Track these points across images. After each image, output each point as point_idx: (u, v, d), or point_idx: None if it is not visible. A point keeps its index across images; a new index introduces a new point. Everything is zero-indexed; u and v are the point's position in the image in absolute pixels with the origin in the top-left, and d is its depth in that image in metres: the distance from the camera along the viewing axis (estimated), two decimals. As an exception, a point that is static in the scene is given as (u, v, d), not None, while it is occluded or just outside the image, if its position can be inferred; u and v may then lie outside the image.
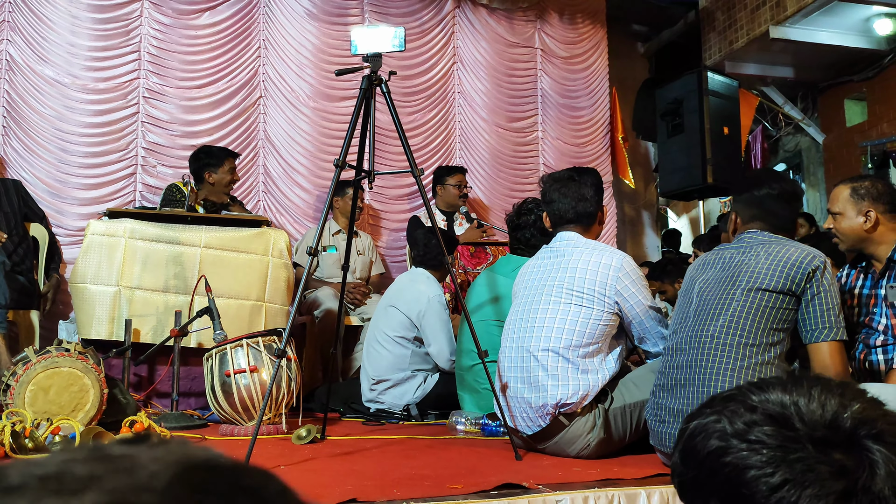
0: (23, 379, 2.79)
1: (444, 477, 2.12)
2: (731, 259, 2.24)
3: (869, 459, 0.63)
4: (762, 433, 0.64)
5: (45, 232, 4.28)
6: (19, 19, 4.80)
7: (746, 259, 2.19)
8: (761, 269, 2.13)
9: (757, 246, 2.21)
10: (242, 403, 3.03)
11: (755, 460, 0.63)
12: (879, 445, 0.64)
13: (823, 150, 7.14)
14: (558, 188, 2.71)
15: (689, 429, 0.70)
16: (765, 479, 0.63)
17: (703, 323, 2.18)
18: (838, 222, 2.50)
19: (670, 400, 2.22)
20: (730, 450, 0.65)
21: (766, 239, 2.24)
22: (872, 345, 2.44)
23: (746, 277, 2.14)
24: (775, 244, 2.19)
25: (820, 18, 5.87)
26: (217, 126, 5.19)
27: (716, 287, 2.21)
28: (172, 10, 5.14)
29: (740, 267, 2.18)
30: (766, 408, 0.66)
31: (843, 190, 2.52)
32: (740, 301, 2.12)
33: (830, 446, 0.63)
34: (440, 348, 3.60)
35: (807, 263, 2.10)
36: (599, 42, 6.45)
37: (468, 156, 5.89)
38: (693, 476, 0.68)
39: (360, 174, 2.80)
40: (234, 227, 3.88)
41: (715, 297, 2.19)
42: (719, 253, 2.32)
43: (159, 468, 0.38)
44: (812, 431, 0.64)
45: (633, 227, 6.95)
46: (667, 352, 2.33)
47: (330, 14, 5.54)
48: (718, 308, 2.16)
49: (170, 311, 3.60)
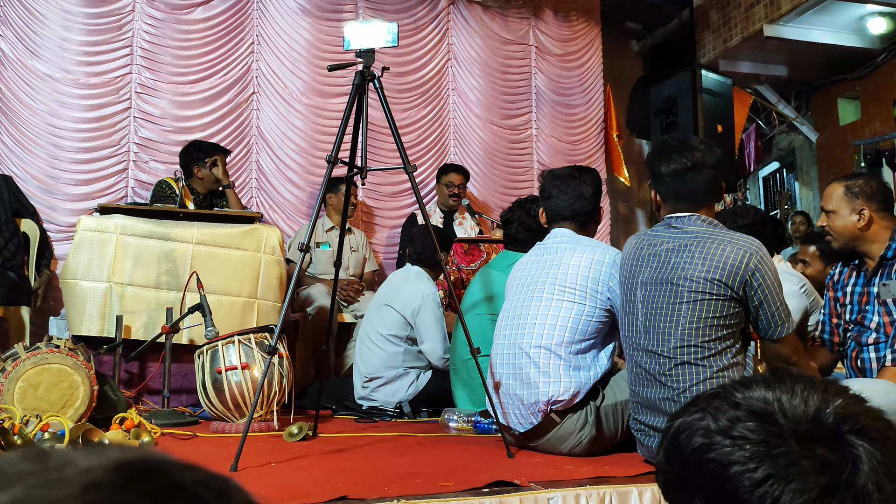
0: (12, 375, 2.77)
1: (435, 474, 2.12)
2: (666, 257, 2.19)
3: (852, 455, 0.63)
4: (745, 429, 0.65)
5: (36, 227, 4.26)
6: (11, 14, 4.77)
7: (682, 261, 2.14)
8: (699, 276, 2.10)
9: (691, 243, 2.16)
10: (234, 400, 3.02)
11: (739, 456, 0.64)
12: (863, 441, 0.64)
13: (817, 149, 7.16)
14: (558, 185, 2.70)
15: (674, 427, 0.70)
16: (748, 475, 0.63)
17: (655, 343, 2.18)
18: (832, 220, 2.50)
19: (649, 418, 2.24)
20: (714, 446, 0.65)
21: (698, 232, 2.18)
22: (865, 343, 2.45)
23: (686, 287, 2.12)
24: (708, 241, 2.14)
25: (814, 17, 5.88)
26: (210, 122, 5.17)
27: (658, 296, 2.18)
28: (165, 5, 5.11)
29: (677, 271, 2.14)
30: (749, 404, 0.66)
31: (837, 188, 2.51)
32: (686, 317, 2.11)
33: (814, 441, 0.64)
34: (434, 346, 3.59)
35: (744, 268, 2.09)
36: (594, 39, 6.45)
37: (462, 153, 5.88)
38: (678, 473, 0.68)
39: (352, 170, 2.79)
40: (227, 223, 3.86)
41: (660, 311, 2.17)
42: (653, 244, 2.24)
43: (90, 467, 0.37)
44: (795, 426, 0.64)
45: (626, 224, 6.95)
46: (629, 366, 2.33)
47: (323, 10, 5.52)
48: (667, 325, 2.15)
49: (161, 307, 3.59)
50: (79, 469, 0.36)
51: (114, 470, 0.37)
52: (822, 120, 7.05)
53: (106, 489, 0.36)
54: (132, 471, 0.37)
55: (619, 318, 2.40)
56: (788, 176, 7.75)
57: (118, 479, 0.37)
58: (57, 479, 0.36)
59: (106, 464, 0.37)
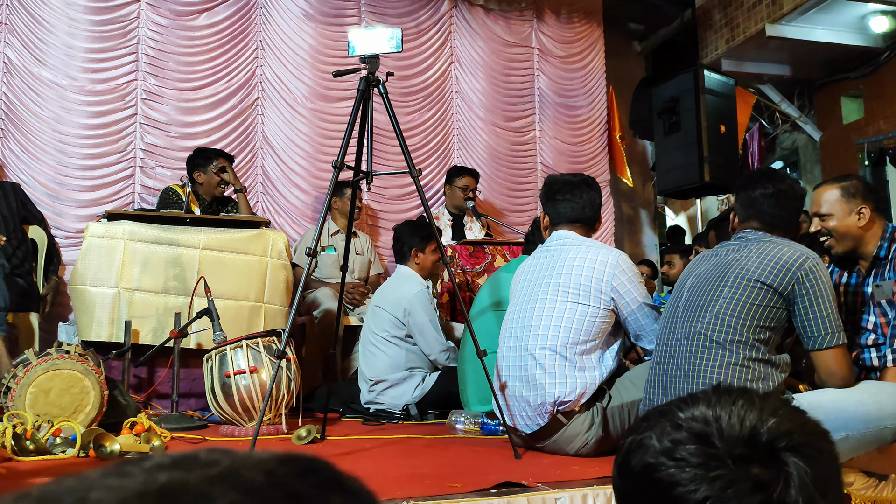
0: (23, 381, 2.80)
1: (443, 476, 2.14)
2: (725, 255, 2.27)
3: (784, 472, 0.67)
4: (686, 451, 0.68)
5: (44, 234, 4.29)
6: (17, 22, 4.81)
7: (739, 256, 2.21)
8: (751, 264, 2.15)
9: (751, 244, 2.23)
10: (242, 404, 3.04)
11: (681, 477, 0.67)
12: (795, 457, 0.67)
13: (820, 148, 7.16)
14: (571, 189, 2.72)
15: (626, 444, 0.74)
16: (691, 496, 0.66)
17: (691, 319, 2.20)
18: (828, 223, 2.44)
19: (662, 396, 2.23)
20: (660, 467, 0.69)
21: (761, 237, 2.25)
22: (864, 344, 2.44)
23: (735, 272, 2.16)
24: (768, 243, 2.20)
25: (816, 16, 5.89)
26: (215, 127, 5.20)
27: (706, 281, 2.23)
28: (170, 12, 5.15)
29: (731, 263, 2.20)
30: (690, 426, 0.70)
31: (830, 190, 2.46)
32: (727, 297, 2.14)
33: (749, 462, 0.67)
34: (429, 342, 3.63)
35: (796, 267, 2.10)
36: (596, 41, 6.47)
37: (466, 155, 5.90)
38: (630, 489, 0.73)
39: (358, 175, 2.81)
40: (233, 228, 3.89)
41: (704, 292, 2.21)
42: (717, 249, 2.35)
43: (264, 458, 0.45)
44: (731, 448, 0.67)
45: (630, 225, 6.96)
46: (657, 346, 2.35)
47: (327, 15, 5.54)
48: (706, 304, 2.18)
49: (169, 312, 3.61)
50: (258, 459, 0.44)
51: (284, 462, 0.45)
52: (826, 119, 7.05)
53: (282, 477, 0.44)
54: (300, 464, 0.46)
55: (663, 311, 2.43)
56: (792, 175, 7.75)
57: (290, 469, 0.45)
58: (243, 466, 0.43)
59: (278, 457, 0.45)
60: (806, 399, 2.12)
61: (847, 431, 2.06)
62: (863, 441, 2.09)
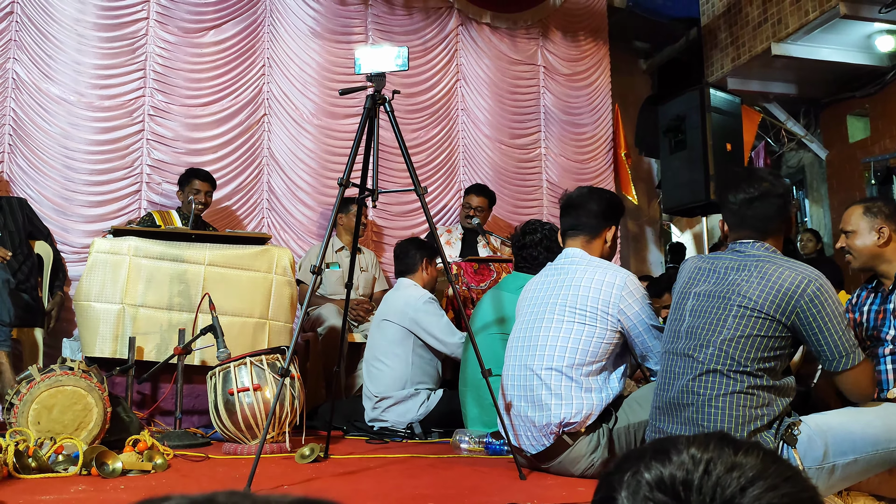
0: (27, 397, 2.79)
1: (447, 497, 2.12)
2: (725, 273, 2.20)
3: None
4: None
5: (50, 249, 4.30)
6: (26, 38, 4.84)
7: (739, 279, 2.15)
8: (752, 292, 2.10)
9: (751, 264, 2.17)
10: (246, 422, 3.02)
11: None
12: None
13: (826, 166, 7.15)
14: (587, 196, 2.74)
15: (602, 486, 0.72)
16: None
17: (693, 348, 2.16)
18: (851, 240, 2.56)
19: (668, 424, 2.21)
20: None
21: (761, 255, 2.20)
22: (881, 354, 2.49)
23: (738, 300, 2.12)
24: (769, 263, 2.15)
25: (821, 35, 5.90)
26: (221, 144, 5.22)
27: (708, 306, 2.18)
28: (178, 29, 5.18)
29: (733, 287, 2.15)
30: (660, 484, 0.67)
31: (856, 209, 2.60)
32: (731, 328, 2.10)
33: None
34: (444, 338, 3.61)
35: (798, 296, 2.06)
36: (602, 59, 6.49)
37: (471, 173, 5.91)
38: None
39: (363, 192, 2.81)
40: (238, 244, 3.89)
41: (707, 318, 2.17)
42: (713, 262, 2.27)
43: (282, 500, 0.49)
44: None
45: (636, 243, 6.95)
46: (660, 370, 2.32)
47: (334, 32, 5.58)
48: (709, 333, 2.14)
49: (173, 328, 3.61)
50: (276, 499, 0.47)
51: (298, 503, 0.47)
52: (832, 137, 7.04)
53: None
54: None
55: (664, 332, 2.37)
56: (798, 193, 7.73)
57: None
58: None
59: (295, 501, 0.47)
60: (814, 421, 2.10)
61: (855, 454, 2.05)
62: (871, 464, 2.08)
